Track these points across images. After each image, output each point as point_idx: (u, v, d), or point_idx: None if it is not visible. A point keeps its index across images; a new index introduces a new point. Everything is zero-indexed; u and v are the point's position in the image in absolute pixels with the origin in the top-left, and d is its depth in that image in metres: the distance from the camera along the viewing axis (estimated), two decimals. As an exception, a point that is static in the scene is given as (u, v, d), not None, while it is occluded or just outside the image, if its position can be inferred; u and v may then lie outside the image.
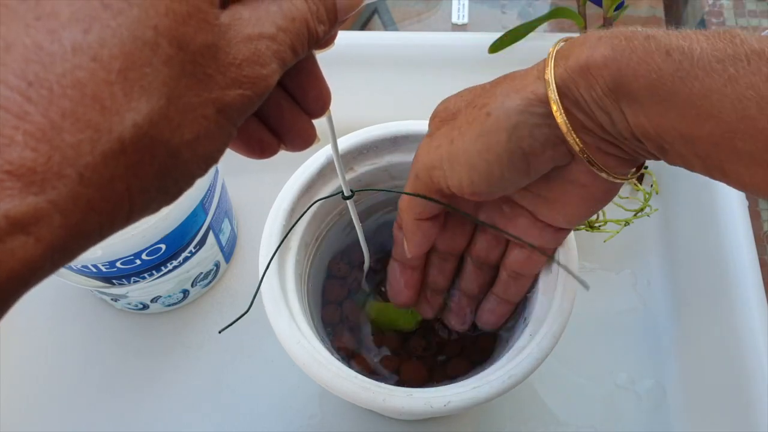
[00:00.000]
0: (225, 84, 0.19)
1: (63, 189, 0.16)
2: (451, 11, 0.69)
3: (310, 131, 0.27)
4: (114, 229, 0.19)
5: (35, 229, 0.16)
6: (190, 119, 0.19)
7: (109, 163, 0.17)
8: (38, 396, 0.51)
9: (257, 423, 0.49)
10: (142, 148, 0.18)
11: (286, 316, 0.38)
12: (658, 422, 0.49)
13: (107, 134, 0.17)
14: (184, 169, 0.19)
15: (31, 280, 0.17)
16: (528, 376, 0.36)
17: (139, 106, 0.17)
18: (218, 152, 0.21)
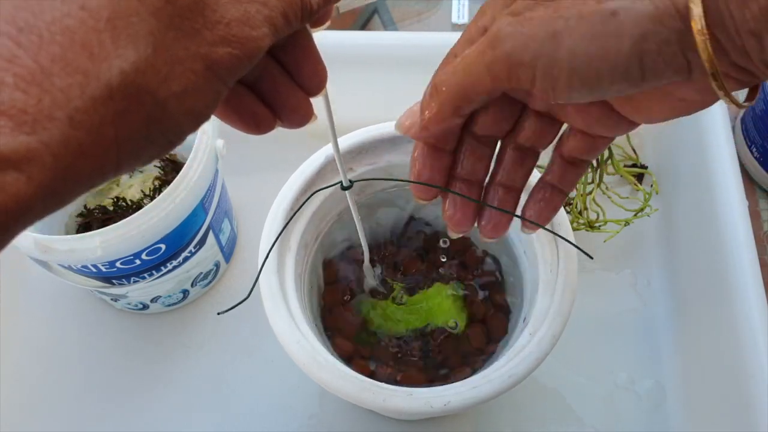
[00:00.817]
0: (213, 41, 0.20)
1: (54, 131, 0.17)
2: (451, 11, 0.69)
3: (307, 108, 0.27)
4: (104, 176, 0.19)
5: (27, 168, 0.17)
6: (178, 72, 0.19)
7: (97, 108, 0.18)
8: (38, 396, 0.51)
9: (257, 423, 0.49)
10: (128, 95, 0.18)
11: (285, 316, 0.38)
12: (658, 422, 0.49)
13: (95, 80, 0.17)
14: (172, 121, 0.20)
15: (22, 217, 0.17)
16: (528, 375, 0.36)
17: (126, 54, 0.18)
18: (207, 109, 0.21)
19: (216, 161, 0.47)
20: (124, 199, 0.54)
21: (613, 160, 0.50)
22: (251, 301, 0.54)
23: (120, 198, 0.54)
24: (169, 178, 0.55)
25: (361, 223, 0.42)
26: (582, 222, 0.52)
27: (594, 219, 0.52)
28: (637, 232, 0.56)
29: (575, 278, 0.39)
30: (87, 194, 0.55)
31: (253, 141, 0.58)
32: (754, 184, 0.59)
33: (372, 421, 0.49)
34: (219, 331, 0.53)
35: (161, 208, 0.42)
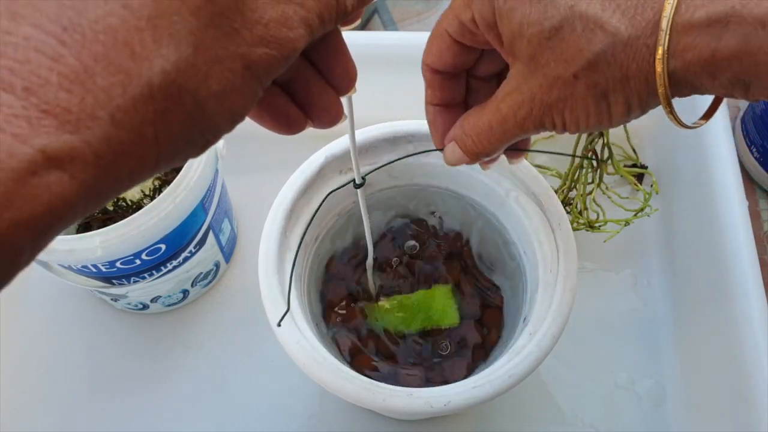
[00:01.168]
0: (252, 41, 0.20)
1: (97, 130, 0.17)
2: (451, 11, 0.69)
3: (337, 107, 0.27)
4: (143, 175, 0.19)
5: (70, 167, 0.17)
6: (217, 71, 0.19)
7: (138, 108, 0.18)
8: (38, 396, 0.51)
9: (257, 423, 0.49)
10: (170, 95, 0.18)
11: (286, 317, 0.38)
12: (658, 422, 0.49)
13: (137, 79, 0.18)
14: (210, 121, 0.20)
15: (65, 216, 0.17)
16: (528, 375, 0.36)
17: (167, 53, 0.18)
18: (244, 109, 0.21)
19: (216, 161, 0.47)
20: (124, 199, 0.54)
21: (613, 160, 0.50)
22: (251, 300, 0.55)
23: (120, 198, 0.54)
24: (169, 178, 0.55)
25: (368, 221, 0.42)
26: (582, 222, 0.52)
27: (594, 219, 0.52)
28: (637, 232, 0.56)
29: (575, 278, 0.39)
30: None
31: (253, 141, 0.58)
32: (754, 184, 0.59)
33: (372, 421, 0.49)
34: (219, 331, 0.53)
35: (161, 208, 0.42)
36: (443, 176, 0.46)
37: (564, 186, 0.52)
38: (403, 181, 0.47)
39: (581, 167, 0.50)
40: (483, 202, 0.46)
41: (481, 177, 0.45)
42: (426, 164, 0.45)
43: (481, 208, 0.47)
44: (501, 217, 0.46)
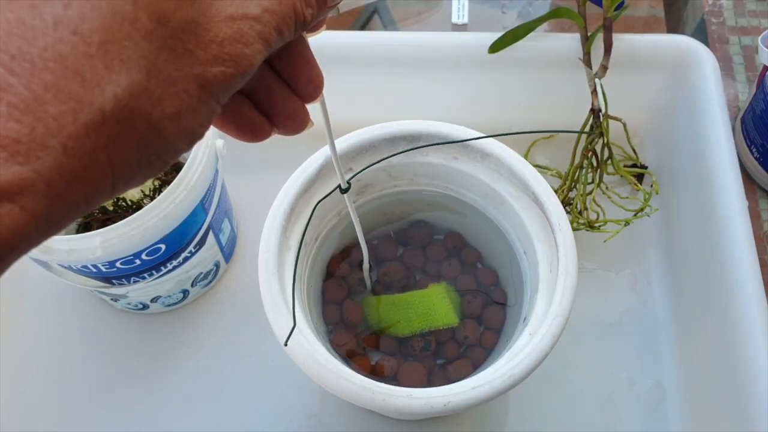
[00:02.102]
0: (206, 60, 0.20)
1: (47, 159, 0.17)
2: (451, 11, 0.69)
3: (303, 115, 0.27)
4: (100, 200, 0.19)
5: (21, 198, 0.17)
6: (171, 93, 0.19)
7: (90, 134, 0.18)
8: (38, 396, 0.51)
9: (257, 423, 0.49)
10: (122, 119, 0.18)
11: (285, 316, 0.38)
12: (658, 422, 0.49)
13: (88, 106, 0.17)
14: (166, 142, 0.20)
15: (17, 247, 0.17)
16: (528, 375, 0.36)
17: (119, 79, 0.18)
18: (201, 127, 0.21)
19: (216, 161, 0.47)
20: (124, 199, 0.54)
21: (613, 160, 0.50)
22: (251, 301, 0.55)
23: (120, 198, 0.54)
24: (169, 178, 0.55)
25: (359, 224, 0.42)
26: (582, 222, 0.52)
27: (594, 219, 0.52)
28: (637, 232, 0.56)
29: (575, 278, 0.39)
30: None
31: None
32: (754, 184, 0.59)
33: (372, 421, 0.49)
34: (219, 331, 0.53)
35: (161, 208, 0.42)
36: (443, 176, 0.46)
37: (564, 186, 0.52)
38: (403, 182, 0.47)
39: (581, 167, 0.50)
40: (483, 202, 0.46)
41: (481, 177, 0.45)
42: (426, 164, 0.46)
43: (481, 208, 0.47)
44: (501, 217, 0.46)
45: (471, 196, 0.47)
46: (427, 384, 0.46)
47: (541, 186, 0.42)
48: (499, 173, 0.44)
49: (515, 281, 0.47)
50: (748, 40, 0.66)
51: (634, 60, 0.56)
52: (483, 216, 0.47)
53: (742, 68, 0.65)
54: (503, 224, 0.46)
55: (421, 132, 0.44)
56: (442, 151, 0.45)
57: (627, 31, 0.56)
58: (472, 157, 0.44)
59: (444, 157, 0.45)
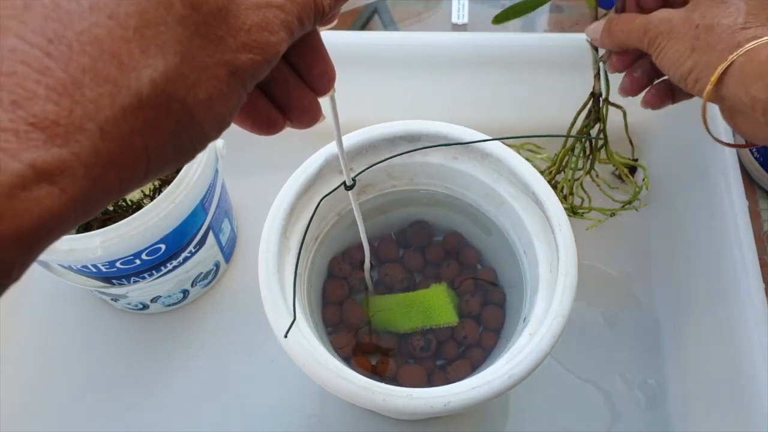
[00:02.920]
0: (236, 47, 0.20)
1: (85, 142, 0.17)
2: (451, 11, 0.69)
3: (316, 108, 0.27)
4: (133, 185, 0.19)
5: (60, 180, 0.17)
6: (204, 79, 0.19)
7: (128, 118, 0.18)
8: (38, 396, 0.51)
9: (257, 423, 0.49)
10: (159, 104, 0.18)
11: (285, 316, 0.38)
12: (658, 422, 0.49)
13: (126, 89, 0.18)
14: (199, 128, 0.20)
15: (56, 229, 0.17)
16: (528, 376, 0.36)
17: (155, 63, 0.18)
18: (230, 115, 0.21)
19: (216, 161, 0.47)
20: (124, 199, 0.54)
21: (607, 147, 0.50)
22: (251, 301, 0.55)
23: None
24: (169, 178, 0.55)
25: (362, 222, 0.42)
26: (565, 206, 0.51)
27: (578, 205, 0.51)
28: (637, 231, 0.56)
29: (575, 278, 0.39)
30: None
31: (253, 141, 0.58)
32: (754, 184, 0.59)
33: (372, 421, 0.49)
34: (219, 331, 0.53)
35: (161, 208, 0.42)
36: (443, 177, 0.46)
37: (552, 167, 0.51)
38: (403, 182, 0.47)
39: (572, 150, 0.50)
40: (483, 202, 0.46)
41: (481, 177, 0.45)
42: (426, 165, 0.46)
43: (481, 208, 0.47)
44: (501, 217, 0.46)
45: (471, 196, 0.47)
46: (427, 384, 0.46)
47: (541, 186, 0.42)
48: (498, 173, 0.44)
49: (515, 281, 0.47)
50: (748, 40, 0.66)
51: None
52: (483, 216, 0.47)
53: (742, 68, 0.65)
54: (503, 224, 0.46)
55: (421, 132, 0.44)
56: (442, 151, 0.45)
57: (627, 31, 0.56)
58: (472, 157, 0.44)
59: (444, 158, 0.45)
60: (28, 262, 0.17)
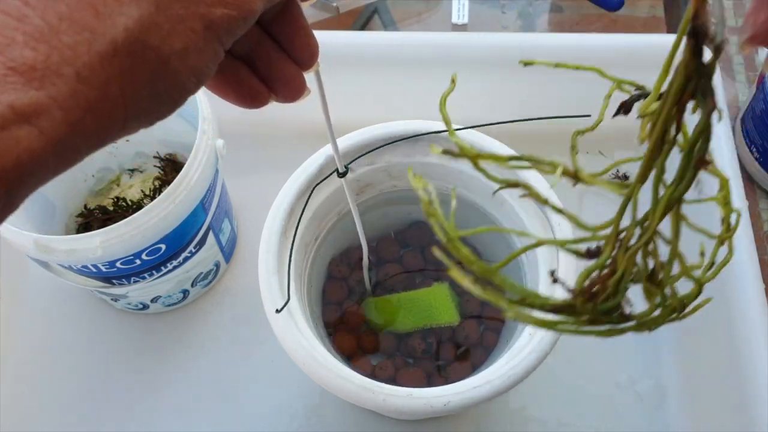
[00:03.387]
0: (211, 2, 0.21)
1: (62, 86, 0.18)
2: (451, 11, 0.69)
3: (300, 81, 0.28)
4: (111, 133, 0.20)
5: (38, 121, 0.17)
6: (179, 30, 0.20)
7: (104, 64, 0.18)
8: (38, 396, 0.51)
9: (257, 423, 0.49)
10: (133, 51, 0.19)
11: (285, 316, 0.38)
12: (658, 422, 0.49)
13: (101, 36, 0.18)
14: (175, 79, 0.21)
15: (35, 171, 0.18)
16: (528, 375, 0.36)
17: (129, 11, 0.19)
18: (206, 68, 0.22)
19: (216, 161, 0.47)
20: (124, 199, 0.54)
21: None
22: (251, 301, 0.55)
23: (120, 198, 0.54)
24: (169, 178, 0.55)
25: (358, 215, 0.42)
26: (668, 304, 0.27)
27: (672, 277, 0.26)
28: (637, 232, 0.56)
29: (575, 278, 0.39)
30: (87, 194, 0.55)
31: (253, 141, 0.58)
32: (754, 184, 0.59)
33: (372, 420, 0.49)
34: (219, 331, 0.53)
35: (161, 208, 0.42)
36: (443, 176, 0.46)
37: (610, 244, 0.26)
38: (404, 182, 0.47)
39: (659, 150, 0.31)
40: (483, 202, 0.46)
41: (481, 177, 0.45)
42: (426, 164, 0.46)
43: (482, 208, 0.47)
44: (501, 217, 0.46)
45: (471, 195, 0.47)
46: (427, 384, 0.46)
47: (541, 186, 0.42)
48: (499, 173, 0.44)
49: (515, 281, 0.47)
50: (748, 40, 0.66)
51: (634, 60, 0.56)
52: (483, 216, 0.47)
53: (742, 68, 0.65)
54: (503, 224, 0.46)
55: (421, 132, 0.44)
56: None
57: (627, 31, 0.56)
58: (472, 157, 0.44)
59: (444, 157, 0.45)
60: (10, 203, 0.18)
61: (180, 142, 0.54)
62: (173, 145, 0.55)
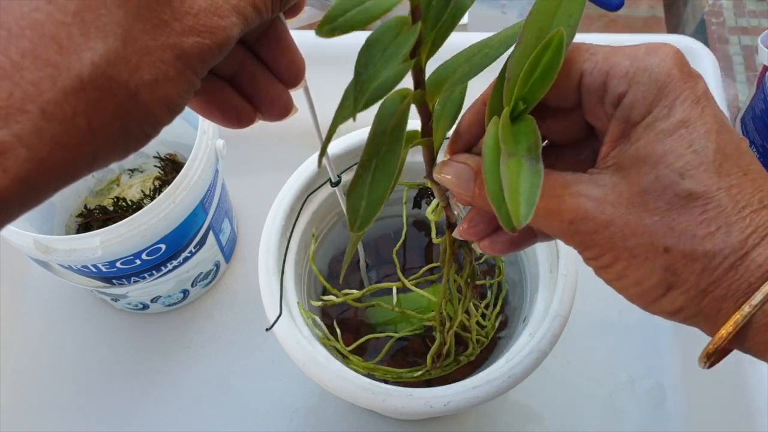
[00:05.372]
0: (182, 31, 0.20)
1: (26, 123, 0.17)
2: (451, 11, 0.69)
3: (286, 100, 0.28)
4: (81, 168, 0.19)
5: (2, 160, 0.17)
6: (147, 62, 0.20)
7: (69, 99, 0.18)
8: (38, 396, 0.51)
9: (257, 423, 0.49)
10: (100, 85, 0.19)
11: (285, 316, 0.38)
12: (658, 422, 0.49)
13: (66, 72, 0.18)
14: (145, 111, 0.20)
15: (2, 210, 0.18)
16: (528, 376, 0.36)
17: (95, 46, 0.18)
18: (180, 98, 0.21)
19: (216, 161, 0.47)
20: (124, 199, 0.54)
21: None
22: (251, 301, 0.55)
23: (120, 198, 0.54)
24: (169, 178, 0.55)
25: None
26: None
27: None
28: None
29: (575, 278, 0.39)
30: (87, 194, 0.55)
31: (253, 141, 0.58)
32: (754, 184, 0.59)
33: (372, 420, 0.49)
34: (219, 331, 0.53)
35: (161, 208, 0.43)
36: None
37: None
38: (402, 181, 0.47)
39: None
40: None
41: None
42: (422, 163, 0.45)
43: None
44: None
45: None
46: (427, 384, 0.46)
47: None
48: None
49: (515, 281, 0.47)
50: (748, 40, 0.66)
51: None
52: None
53: (742, 68, 0.65)
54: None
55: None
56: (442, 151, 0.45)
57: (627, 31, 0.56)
58: (472, 157, 0.44)
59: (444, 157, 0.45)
60: None
61: (180, 142, 0.54)
62: (173, 145, 0.55)
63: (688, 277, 0.23)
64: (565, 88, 0.25)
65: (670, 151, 0.23)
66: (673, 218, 0.23)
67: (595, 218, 0.23)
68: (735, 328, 0.23)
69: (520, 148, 0.22)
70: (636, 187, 0.23)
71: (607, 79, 0.24)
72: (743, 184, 0.23)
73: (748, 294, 0.22)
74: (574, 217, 0.24)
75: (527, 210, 0.21)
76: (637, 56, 0.24)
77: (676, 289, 0.23)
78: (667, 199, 0.23)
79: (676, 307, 0.24)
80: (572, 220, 0.24)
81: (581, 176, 0.24)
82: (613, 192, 0.24)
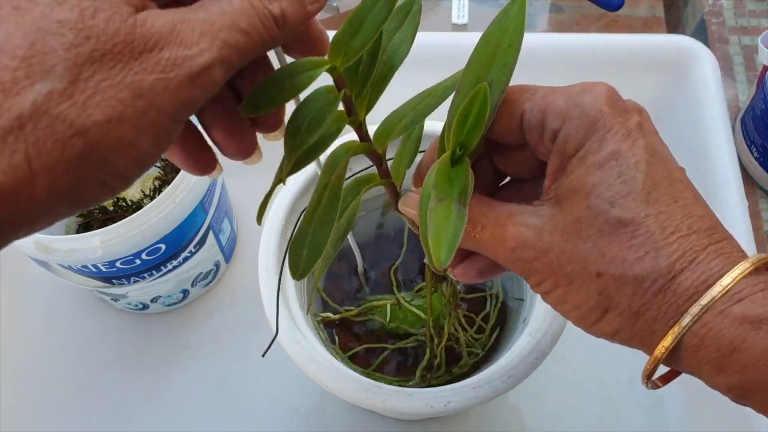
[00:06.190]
0: (141, 69, 0.20)
1: None
2: (451, 11, 0.69)
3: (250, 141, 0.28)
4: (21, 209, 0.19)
5: None
6: (98, 101, 0.19)
7: (7, 139, 0.18)
8: (38, 396, 0.51)
9: (257, 423, 0.49)
10: (42, 125, 0.19)
11: (285, 317, 0.38)
12: (658, 422, 0.49)
13: (7, 112, 0.18)
14: (99, 155, 0.20)
15: None
16: (528, 376, 0.36)
17: (39, 87, 0.19)
18: (142, 142, 0.20)
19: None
20: (124, 199, 0.54)
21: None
22: (251, 301, 0.55)
23: (120, 198, 0.54)
24: (168, 178, 0.55)
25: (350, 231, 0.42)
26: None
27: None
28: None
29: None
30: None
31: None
32: (754, 184, 0.59)
33: (372, 421, 0.49)
34: (219, 331, 0.53)
35: (161, 208, 0.43)
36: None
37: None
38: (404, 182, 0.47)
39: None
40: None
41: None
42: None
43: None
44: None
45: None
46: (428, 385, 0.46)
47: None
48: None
49: (515, 281, 0.47)
50: (748, 40, 0.66)
51: (634, 60, 0.56)
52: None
53: (742, 68, 0.65)
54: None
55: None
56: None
57: (627, 31, 0.56)
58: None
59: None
60: None
61: (180, 142, 0.54)
62: (173, 145, 0.55)
63: (620, 300, 0.24)
64: (509, 126, 0.27)
65: (600, 182, 0.24)
66: (605, 245, 0.24)
67: (534, 246, 0.25)
68: (667, 349, 0.24)
69: (453, 192, 0.25)
70: (570, 216, 0.24)
71: (544, 116, 0.26)
72: (672, 211, 0.24)
73: (677, 316, 0.23)
74: (516, 245, 0.25)
75: (447, 254, 0.23)
76: (570, 94, 0.26)
77: (611, 312, 0.25)
78: (598, 226, 0.24)
79: (613, 329, 0.26)
80: (514, 248, 0.25)
81: (525, 208, 0.26)
82: (551, 221, 0.25)
